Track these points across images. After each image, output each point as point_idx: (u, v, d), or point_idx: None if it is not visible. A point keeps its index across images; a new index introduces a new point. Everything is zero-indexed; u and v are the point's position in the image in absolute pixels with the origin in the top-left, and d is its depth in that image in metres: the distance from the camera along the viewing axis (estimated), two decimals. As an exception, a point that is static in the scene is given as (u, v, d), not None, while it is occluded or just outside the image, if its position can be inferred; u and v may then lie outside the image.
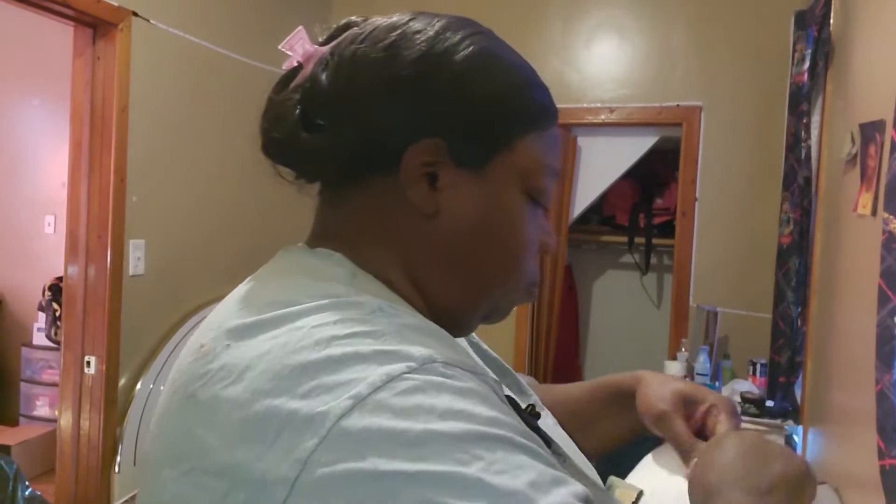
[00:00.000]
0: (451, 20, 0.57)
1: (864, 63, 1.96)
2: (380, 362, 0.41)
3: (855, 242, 1.91)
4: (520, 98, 0.56)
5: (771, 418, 2.65)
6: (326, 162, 0.55)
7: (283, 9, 3.35)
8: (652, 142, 3.59)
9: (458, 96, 0.54)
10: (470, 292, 0.57)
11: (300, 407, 0.40)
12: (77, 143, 2.45)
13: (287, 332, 0.44)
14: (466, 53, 0.54)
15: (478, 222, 0.55)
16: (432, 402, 0.39)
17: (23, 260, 4.00)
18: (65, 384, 2.50)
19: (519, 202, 0.56)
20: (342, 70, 0.54)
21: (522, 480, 0.37)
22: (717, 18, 3.22)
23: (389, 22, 0.56)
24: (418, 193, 0.53)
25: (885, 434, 1.42)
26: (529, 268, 0.59)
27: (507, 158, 0.55)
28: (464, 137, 0.54)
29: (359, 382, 0.40)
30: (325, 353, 0.42)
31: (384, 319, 0.45)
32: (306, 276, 0.53)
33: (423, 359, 0.42)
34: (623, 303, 4.69)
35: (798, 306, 2.58)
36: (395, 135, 0.53)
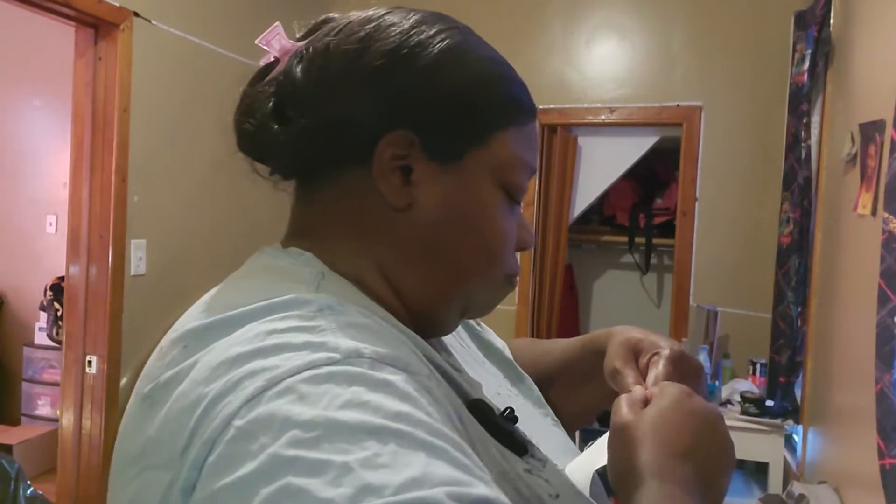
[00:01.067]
0: (427, 14, 0.56)
1: (864, 63, 1.97)
2: (307, 352, 0.41)
3: (855, 242, 1.91)
4: (495, 93, 0.56)
5: (771, 418, 2.66)
6: (296, 154, 0.55)
7: (284, 9, 3.35)
8: (652, 142, 3.60)
9: (430, 89, 0.53)
10: (445, 287, 0.56)
11: (223, 391, 0.41)
12: (78, 143, 2.46)
13: (234, 334, 0.45)
14: (440, 47, 0.54)
15: (451, 216, 0.54)
16: (339, 391, 0.39)
17: (24, 259, 4.00)
18: (66, 384, 2.50)
19: (494, 197, 0.56)
20: (315, 61, 0.54)
21: (401, 476, 0.35)
22: (718, 19, 3.22)
23: (365, 15, 0.56)
24: (390, 186, 0.53)
25: (885, 434, 1.43)
26: (506, 261, 0.58)
27: (481, 153, 0.55)
28: (437, 131, 0.53)
29: (279, 368, 0.40)
30: (259, 345, 0.43)
31: (330, 317, 0.45)
32: (271, 279, 0.52)
33: (349, 351, 0.42)
34: (623, 302, 4.70)
35: (798, 306, 2.58)
36: (366, 126, 0.53)
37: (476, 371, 0.66)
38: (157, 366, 0.49)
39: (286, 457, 0.36)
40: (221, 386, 0.41)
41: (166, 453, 0.42)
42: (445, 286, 0.56)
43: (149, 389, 0.47)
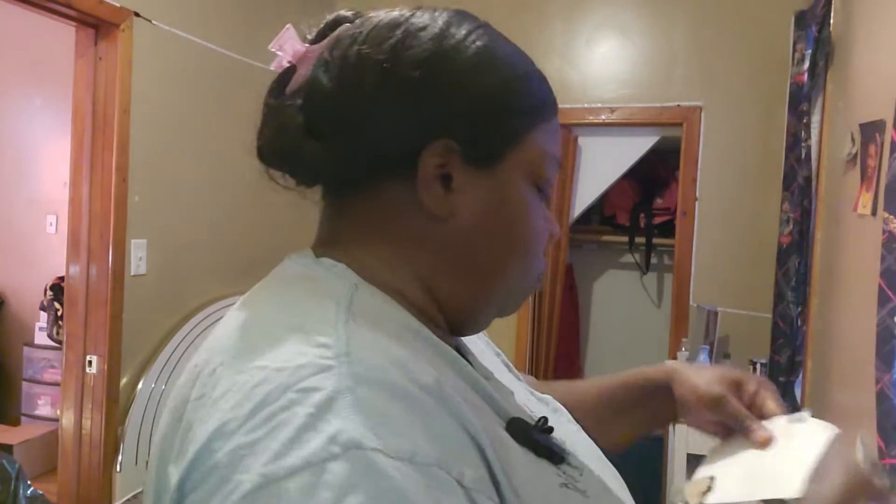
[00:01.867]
0: (454, 15, 0.56)
1: (865, 63, 1.96)
2: (306, 439, 0.39)
3: (855, 242, 1.91)
4: (525, 92, 0.56)
5: (771, 418, 2.66)
6: (333, 169, 0.54)
7: (286, 9, 3.35)
8: (652, 142, 3.60)
9: (467, 95, 0.53)
10: (484, 289, 0.57)
11: (225, 463, 0.40)
12: (79, 143, 2.46)
13: (252, 371, 0.44)
14: (472, 50, 0.54)
15: (490, 219, 0.54)
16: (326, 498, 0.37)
17: (24, 259, 4.00)
18: (66, 383, 2.50)
19: (527, 194, 0.56)
20: (346, 74, 0.52)
21: None
22: (718, 18, 3.22)
23: (390, 19, 0.54)
24: (433, 197, 0.52)
25: (886, 433, 1.43)
26: (539, 257, 0.59)
27: (516, 153, 0.55)
28: (476, 136, 0.53)
29: (276, 461, 0.39)
30: (264, 413, 0.41)
31: (343, 367, 0.42)
32: (305, 292, 0.51)
33: (349, 444, 0.39)
34: (623, 302, 4.70)
35: (798, 306, 2.58)
36: (405, 139, 0.52)
37: (501, 376, 0.65)
38: (188, 386, 0.48)
39: None
40: (224, 455, 0.40)
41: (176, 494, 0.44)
42: (485, 288, 0.57)
43: (182, 412, 0.47)
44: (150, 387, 2.58)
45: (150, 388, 2.58)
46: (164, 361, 2.63)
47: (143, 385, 2.56)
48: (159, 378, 2.61)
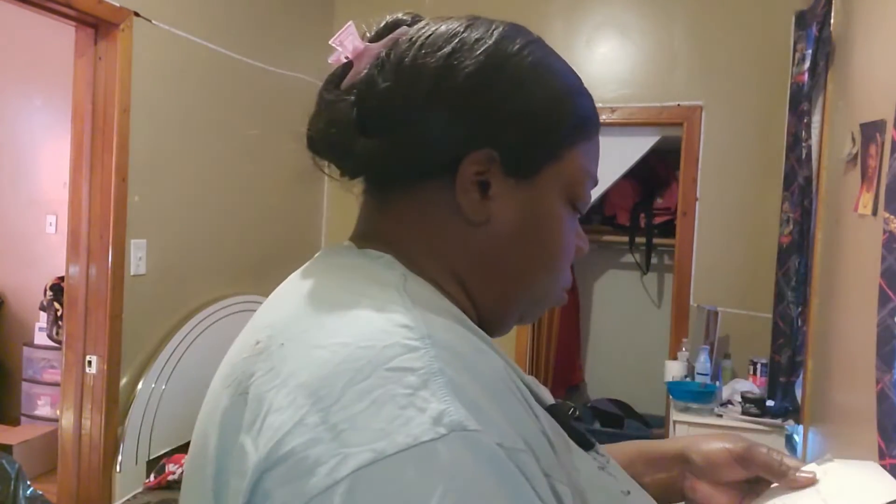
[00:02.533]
0: (508, 29, 0.58)
1: (865, 63, 1.96)
2: (411, 417, 0.40)
3: (855, 242, 1.91)
4: (569, 109, 0.57)
5: (771, 418, 2.66)
6: (380, 165, 0.55)
7: (285, 9, 3.35)
8: (653, 141, 3.59)
9: (513, 108, 0.55)
10: (509, 296, 0.59)
11: (326, 439, 0.40)
12: (78, 143, 2.46)
13: (334, 344, 0.45)
14: (522, 65, 0.55)
15: (523, 230, 0.56)
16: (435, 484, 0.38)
17: (24, 260, 4.00)
18: (66, 384, 2.50)
19: (562, 210, 0.58)
20: (402, 76, 0.54)
21: None
22: (718, 18, 3.22)
23: (447, 28, 0.56)
24: (470, 202, 0.54)
25: (886, 433, 1.43)
26: (565, 272, 0.61)
27: (555, 168, 0.57)
28: (516, 148, 0.55)
29: (387, 437, 0.39)
30: (362, 387, 0.41)
31: (432, 351, 0.43)
32: (362, 277, 0.53)
33: (454, 425, 0.40)
34: (624, 302, 4.69)
35: (798, 306, 2.58)
36: (451, 144, 0.54)
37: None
38: (252, 360, 0.49)
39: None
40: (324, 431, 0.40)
41: (247, 464, 0.43)
42: (511, 295, 0.59)
43: (248, 386, 0.47)
44: (150, 387, 2.58)
45: (150, 388, 2.58)
46: (163, 361, 2.63)
47: (142, 385, 2.56)
48: (159, 378, 2.61)
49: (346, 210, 3.59)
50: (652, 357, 4.04)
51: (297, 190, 3.51)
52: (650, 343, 4.31)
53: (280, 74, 3.30)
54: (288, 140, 3.58)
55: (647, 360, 4.14)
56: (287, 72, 3.36)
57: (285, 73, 3.34)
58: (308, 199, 3.64)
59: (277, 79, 3.29)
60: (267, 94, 3.23)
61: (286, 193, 3.41)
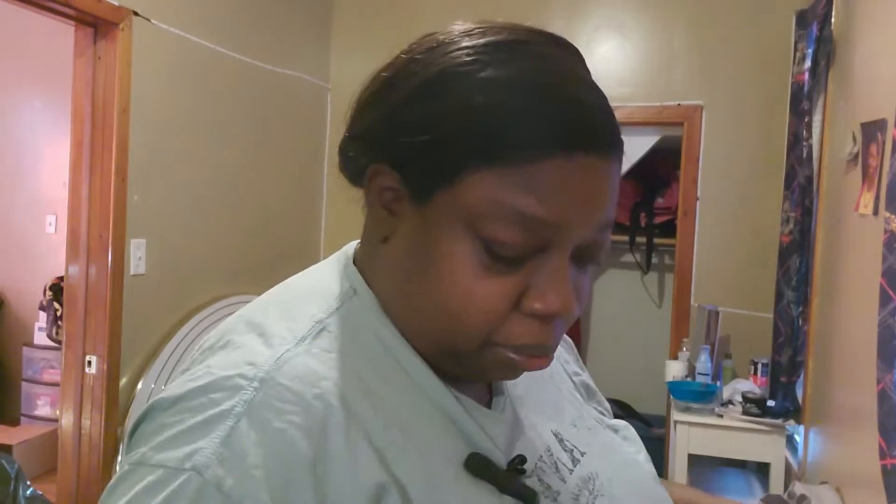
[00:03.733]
0: (463, 34, 0.52)
1: (866, 62, 1.96)
2: (176, 447, 0.45)
3: (856, 242, 1.91)
4: (468, 124, 0.47)
5: (772, 418, 2.65)
6: (342, 170, 0.58)
7: (285, 8, 3.34)
8: (653, 141, 3.59)
9: (404, 120, 0.50)
10: (424, 332, 0.52)
11: (137, 437, 0.48)
12: (78, 143, 2.46)
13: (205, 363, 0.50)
14: (429, 73, 0.49)
15: (413, 259, 0.50)
16: (123, 490, 0.44)
17: (24, 259, 4.00)
18: (66, 384, 2.50)
19: (461, 248, 0.48)
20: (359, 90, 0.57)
21: None
22: (718, 18, 3.22)
23: (415, 41, 0.55)
24: (374, 215, 0.54)
25: (887, 433, 1.42)
26: (482, 325, 0.49)
27: (449, 195, 0.48)
28: (410, 166, 0.50)
29: (151, 451, 0.45)
30: (180, 406, 0.47)
31: (246, 395, 0.46)
32: (309, 293, 0.56)
33: (197, 465, 0.43)
34: (624, 302, 4.69)
35: (799, 306, 2.58)
36: (364, 153, 0.53)
37: (549, 400, 0.64)
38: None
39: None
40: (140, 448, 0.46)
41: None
42: (420, 331, 0.52)
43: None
44: (150, 387, 2.58)
45: (150, 388, 2.58)
46: (163, 361, 2.62)
47: (142, 385, 2.55)
48: (159, 378, 2.61)
49: (344, 210, 3.59)
50: (652, 357, 4.03)
51: (296, 190, 3.51)
52: (651, 343, 4.31)
53: (280, 73, 3.30)
54: (288, 139, 3.57)
55: (648, 360, 4.13)
56: (286, 71, 3.35)
57: (285, 72, 3.34)
58: (307, 199, 3.64)
59: (277, 78, 3.29)
60: (266, 94, 3.23)
61: (286, 193, 3.40)
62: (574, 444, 0.62)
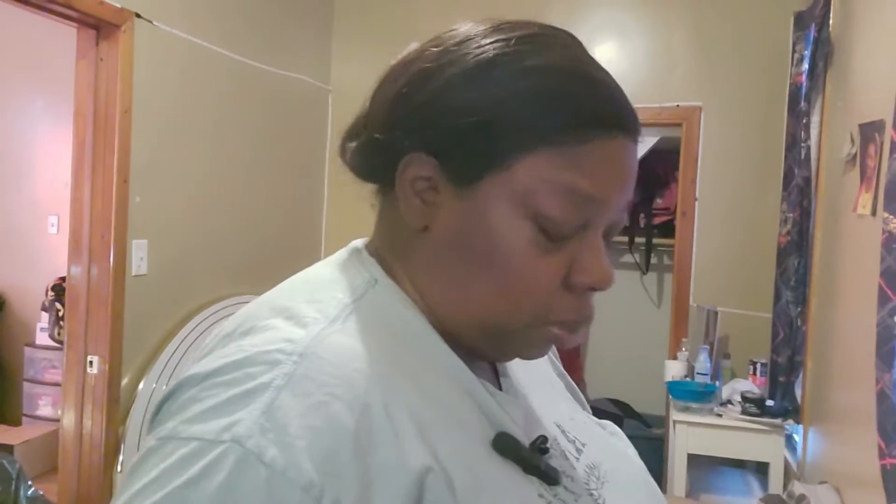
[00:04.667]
0: (491, 26, 0.54)
1: (864, 63, 1.97)
2: (212, 419, 0.44)
3: (855, 242, 1.92)
4: (518, 110, 0.50)
5: (771, 418, 2.66)
6: (353, 169, 0.58)
7: (286, 10, 3.35)
8: (652, 142, 3.60)
9: (443, 109, 0.51)
10: (464, 315, 0.53)
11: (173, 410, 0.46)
12: (80, 144, 2.46)
13: (237, 343, 0.49)
14: (468, 63, 0.51)
15: (464, 245, 0.51)
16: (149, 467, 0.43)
17: (26, 260, 4.00)
18: (67, 384, 2.51)
19: (515, 230, 0.50)
20: (378, 85, 0.57)
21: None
22: (717, 19, 3.23)
23: (436, 35, 0.56)
24: (409, 207, 0.53)
25: (886, 433, 1.43)
26: (535, 304, 0.51)
27: (501, 177, 0.50)
28: (453, 153, 0.51)
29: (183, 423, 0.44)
30: (214, 381, 0.46)
31: (286, 368, 0.45)
32: (327, 284, 0.55)
33: (236, 436, 0.42)
34: (623, 302, 4.69)
35: (797, 306, 2.59)
36: (393, 148, 0.53)
37: (547, 395, 0.66)
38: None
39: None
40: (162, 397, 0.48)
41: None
42: (465, 314, 0.53)
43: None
44: (152, 387, 2.58)
45: (151, 388, 2.58)
46: (164, 361, 2.63)
47: (143, 385, 2.56)
48: (160, 378, 2.61)
49: (345, 211, 3.60)
50: (652, 357, 4.04)
51: (297, 190, 3.51)
52: (650, 343, 4.31)
53: (281, 75, 3.31)
54: (289, 140, 3.58)
55: (647, 360, 4.14)
56: (288, 73, 3.36)
57: (287, 74, 3.35)
58: (308, 200, 3.65)
59: (278, 80, 3.30)
60: (268, 96, 3.23)
61: (287, 194, 3.41)
62: (575, 436, 0.63)
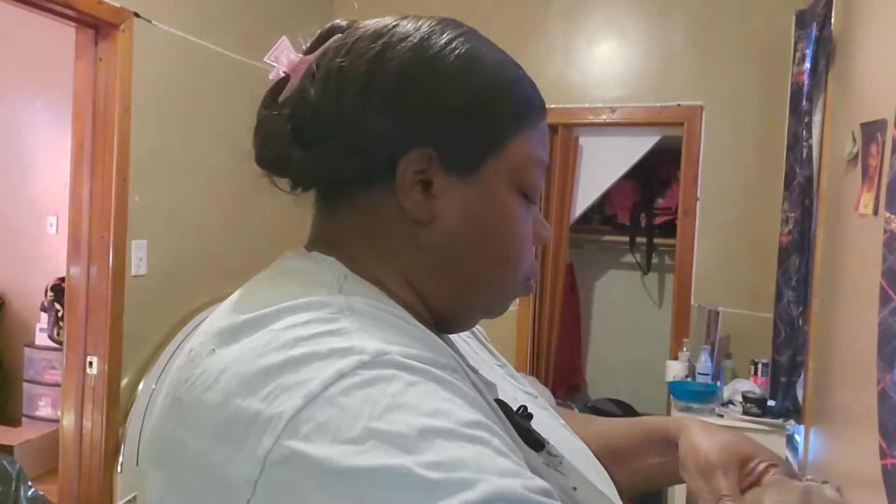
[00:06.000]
0: (437, 23, 0.57)
1: (866, 62, 1.96)
2: (334, 359, 0.42)
3: (856, 242, 1.91)
4: (507, 99, 0.56)
5: (773, 418, 2.65)
6: (319, 175, 0.56)
7: (285, 9, 3.35)
8: (653, 141, 3.59)
9: (443, 104, 0.54)
10: (467, 292, 0.58)
11: (263, 408, 0.41)
12: (79, 144, 2.46)
13: (260, 336, 0.46)
14: (451, 59, 0.54)
15: (472, 226, 0.55)
16: (377, 395, 0.40)
17: (25, 260, 4.00)
18: (67, 384, 2.50)
19: (511, 201, 0.57)
20: (329, 85, 0.54)
21: (461, 473, 0.37)
22: (718, 18, 3.22)
23: (374, 30, 0.56)
24: (413, 202, 0.54)
25: (887, 433, 1.43)
26: (525, 262, 0.59)
27: (498, 160, 0.56)
28: (452, 144, 0.54)
29: (313, 381, 0.41)
30: (287, 355, 0.43)
31: (350, 317, 0.46)
32: (295, 281, 0.54)
33: (376, 353, 0.43)
34: (624, 302, 4.69)
35: (799, 305, 2.58)
36: (385, 147, 0.53)
37: (489, 374, 0.66)
38: (186, 368, 0.49)
39: (344, 468, 0.38)
40: (259, 402, 0.41)
41: (201, 462, 0.43)
42: (468, 291, 0.58)
43: (179, 393, 0.47)
44: (151, 387, 2.58)
45: (151, 388, 2.58)
46: (164, 362, 2.63)
47: (143, 386, 2.56)
48: (160, 379, 2.61)
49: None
50: (653, 357, 4.03)
51: (293, 199, 3.50)
52: (651, 343, 4.31)
53: (280, 75, 3.30)
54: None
55: (648, 360, 4.13)
56: (287, 72, 3.36)
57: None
58: (308, 199, 3.64)
59: (278, 79, 3.29)
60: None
61: (286, 195, 3.40)
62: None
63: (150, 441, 0.50)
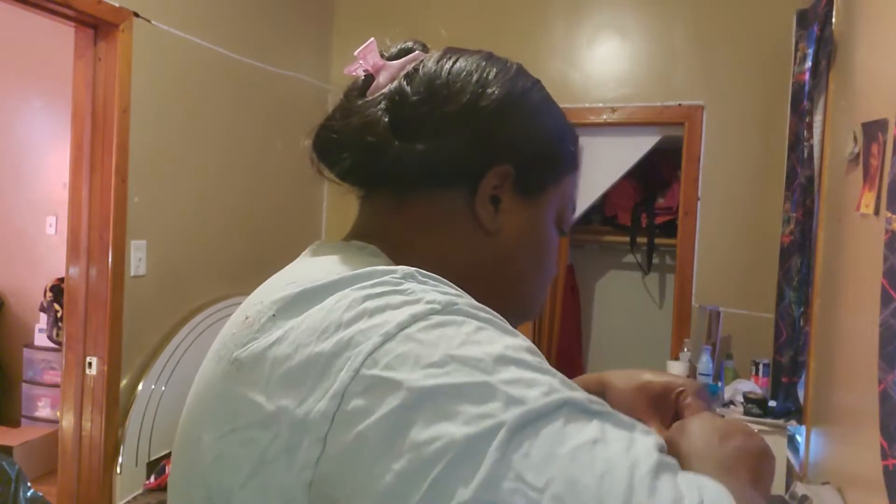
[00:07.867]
0: (519, 68, 0.65)
1: (867, 62, 1.96)
2: (408, 307, 0.45)
3: (858, 242, 1.90)
4: (567, 142, 0.66)
5: (774, 418, 2.65)
6: (412, 170, 0.60)
7: (285, 9, 3.34)
8: (654, 141, 3.59)
9: (528, 133, 0.62)
10: (505, 300, 0.62)
11: (338, 350, 0.43)
12: (78, 144, 2.46)
13: (328, 301, 0.48)
14: (536, 99, 0.64)
15: (525, 243, 0.63)
16: (452, 333, 0.44)
17: (24, 261, 4.00)
18: (66, 385, 2.50)
19: (552, 229, 0.65)
20: (435, 92, 0.60)
21: (537, 390, 0.41)
22: (719, 17, 3.22)
23: (471, 59, 0.63)
24: (486, 213, 0.60)
25: (888, 434, 1.42)
26: (555, 275, 0.69)
27: (554, 191, 0.64)
28: (528, 169, 0.61)
29: (389, 323, 0.44)
30: (359, 308, 0.46)
31: (414, 283, 0.48)
32: (347, 259, 0.56)
33: (447, 302, 0.46)
34: (625, 303, 4.69)
35: (800, 306, 2.57)
36: (476, 159, 0.60)
37: None
38: (244, 333, 0.50)
39: (428, 387, 0.40)
40: (334, 345, 0.44)
41: (266, 412, 0.44)
42: (506, 299, 0.63)
43: (239, 354, 0.49)
44: (150, 388, 2.58)
45: (150, 389, 2.58)
46: (164, 362, 2.62)
47: (143, 386, 2.55)
48: (159, 379, 2.60)
49: (345, 211, 3.58)
50: (653, 357, 4.03)
51: (297, 190, 3.51)
52: (652, 343, 4.30)
53: (280, 74, 3.30)
54: (288, 140, 3.56)
55: (649, 361, 4.13)
56: (287, 72, 3.35)
57: (286, 73, 3.34)
58: (308, 200, 3.64)
59: (277, 79, 3.29)
60: (267, 95, 3.22)
61: (286, 194, 3.40)
62: None
63: (199, 406, 0.51)
